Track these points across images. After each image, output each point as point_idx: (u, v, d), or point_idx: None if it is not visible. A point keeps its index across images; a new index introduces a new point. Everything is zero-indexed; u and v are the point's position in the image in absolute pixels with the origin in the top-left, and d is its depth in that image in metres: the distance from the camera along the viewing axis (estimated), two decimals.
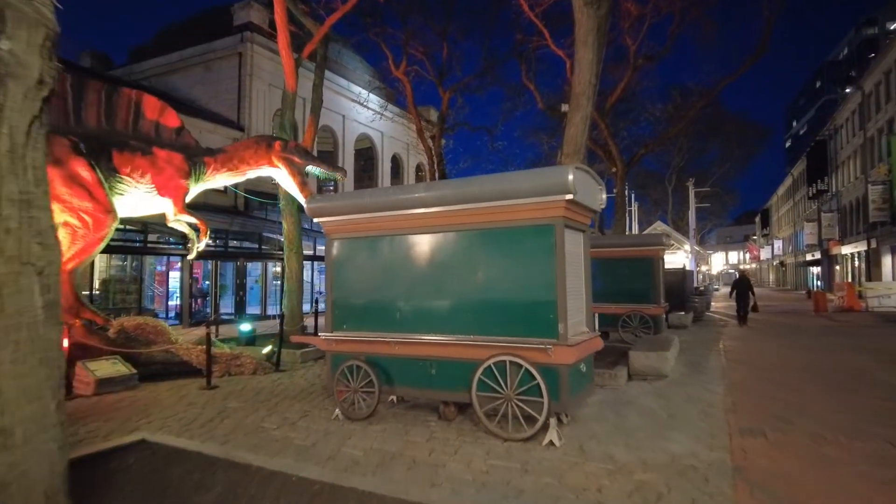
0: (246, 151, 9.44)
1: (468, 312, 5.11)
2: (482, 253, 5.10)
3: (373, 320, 5.66)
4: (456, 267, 5.23)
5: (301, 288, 12.49)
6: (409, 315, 5.46)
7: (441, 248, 5.36)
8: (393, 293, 5.58)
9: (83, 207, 7.69)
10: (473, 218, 5.09)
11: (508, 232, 4.95)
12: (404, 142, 31.93)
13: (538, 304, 4.80)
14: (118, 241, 17.21)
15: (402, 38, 19.93)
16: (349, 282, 5.88)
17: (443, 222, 5.27)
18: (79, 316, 7.92)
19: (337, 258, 5.96)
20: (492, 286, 5.02)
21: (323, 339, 5.87)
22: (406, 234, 5.53)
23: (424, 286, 5.39)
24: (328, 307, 5.97)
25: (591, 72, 9.30)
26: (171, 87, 24.14)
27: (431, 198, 5.25)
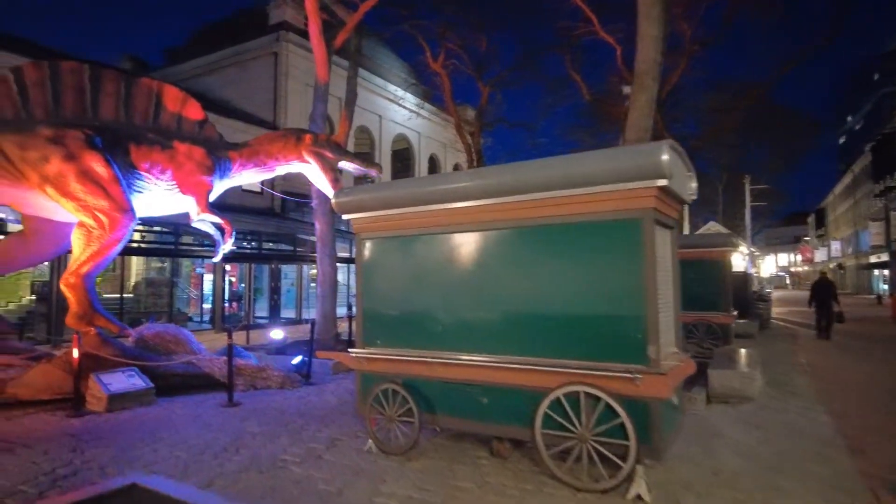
0: (273, 145, 8.68)
1: (530, 329, 4.12)
2: (547, 255, 4.11)
3: (411, 335, 4.73)
4: (513, 272, 4.25)
5: (335, 292, 11.73)
6: (454, 330, 4.50)
7: (493, 249, 4.39)
8: (434, 303, 4.63)
9: (98, 206, 7.05)
10: (534, 211, 4.10)
11: (580, 228, 3.94)
12: (441, 141, 31.07)
13: (621, 319, 3.78)
14: (150, 243, 16.88)
15: (438, 31, 19.08)
16: (383, 289, 4.97)
17: (495, 217, 4.31)
18: (92, 324, 7.27)
19: (368, 261, 5.06)
20: (560, 297, 4.02)
21: (352, 357, 4.98)
22: (449, 231, 4.58)
23: (473, 295, 4.43)
24: (358, 319, 5.07)
25: (655, 48, 8.20)
26: (207, 88, 23.90)
27: (479, 188, 4.29)
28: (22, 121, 7.06)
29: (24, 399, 6.82)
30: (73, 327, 7.22)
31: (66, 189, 6.91)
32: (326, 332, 10.96)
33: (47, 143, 6.87)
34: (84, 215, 7.04)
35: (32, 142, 6.85)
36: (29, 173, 6.88)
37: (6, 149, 6.83)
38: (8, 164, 6.87)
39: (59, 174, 6.86)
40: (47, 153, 6.84)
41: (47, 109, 7.25)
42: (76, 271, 7.08)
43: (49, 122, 7.09)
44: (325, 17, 11.95)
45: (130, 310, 15.70)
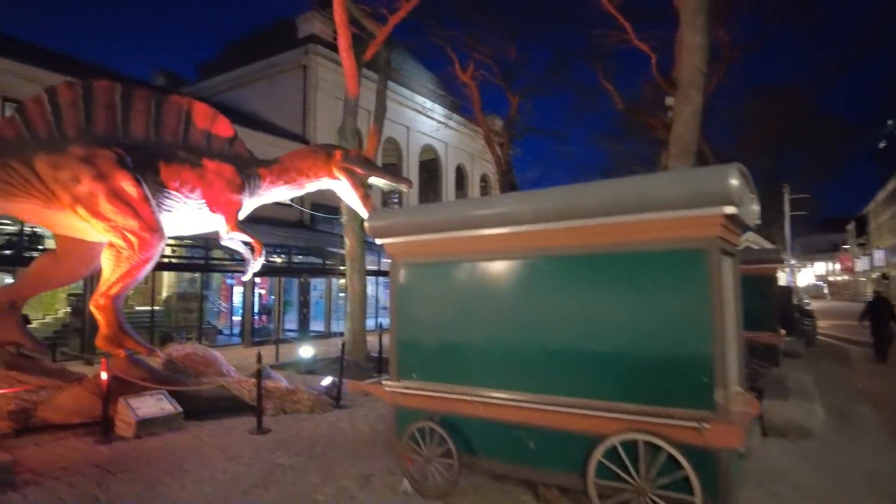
0: (303, 162, 8.52)
1: (582, 368, 3.78)
2: (601, 286, 3.78)
3: (449, 369, 4.44)
4: (563, 304, 3.92)
5: (364, 310, 11.52)
6: (498, 365, 4.19)
7: (541, 279, 4.07)
8: (476, 335, 4.33)
9: (128, 226, 6.96)
10: (585, 238, 3.78)
11: (639, 258, 3.61)
12: (469, 152, 30.86)
13: (684, 360, 3.42)
14: (181, 257, 16.98)
15: (467, 41, 18.90)
16: (419, 318, 4.69)
17: (541, 244, 4.00)
18: (121, 346, 7.17)
19: (403, 287, 4.79)
20: (616, 333, 3.68)
21: (387, 391, 4.70)
22: (491, 258, 4.29)
23: (519, 328, 4.12)
24: (392, 349, 4.80)
25: (700, 58, 7.81)
26: (238, 102, 24.18)
27: (524, 212, 3.99)
28: (55, 140, 7.03)
29: (55, 423, 6.72)
30: (103, 349, 7.14)
31: (96, 209, 6.84)
32: (357, 352, 10.73)
33: (78, 162, 6.82)
34: (114, 235, 6.96)
35: (64, 162, 6.81)
36: (61, 193, 6.83)
37: (39, 169, 6.80)
38: (41, 184, 6.84)
39: (89, 194, 6.80)
40: (78, 173, 6.79)
41: (80, 129, 7.22)
42: (106, 292, 7.00)
43: (81, 141, 7.05)
44: (354, 30, 11.85)
45: (161, 323, 15.75)
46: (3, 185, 6.74)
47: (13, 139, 6.97)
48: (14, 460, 5.29)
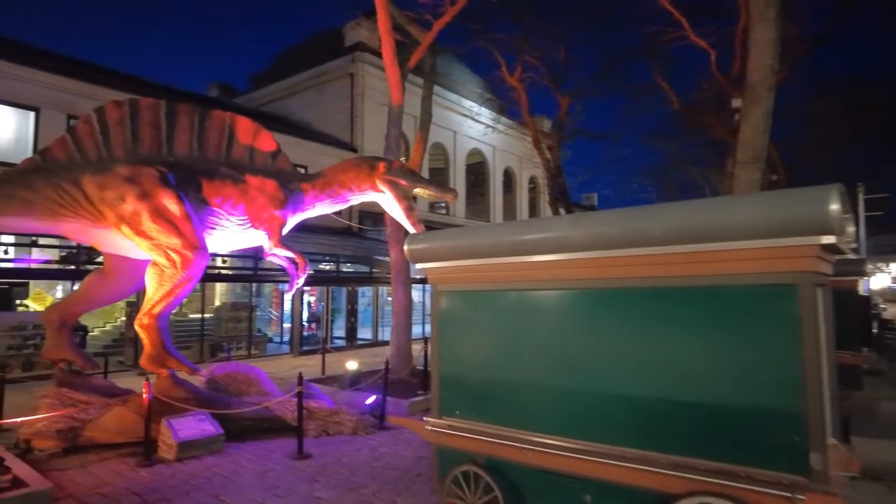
0: (346, 175, 8.31)
1: (647, 415, 3.31)
2: (669, 323, 3.30)
3: (497, 408, 4.04)
4: (623, 342, 3.46)
5: (409, 322, 11.24)
6: (551, 408, 3.77)
7: (598, 313, 3.62)
8: (527, 374, 3.92)
9: (171, 244, 6.90)
10: (651, 269, 3.31)
11: (714, 293, 3.11)
12: (517, 154, 30.29)
13: (771, 413, 2.91)
14: (231, 268, 17.24)
15: (514, 44, 18.42)
16: (463, 350, 4.32)
17: (600, 274, 3.55)
18: (164, 365, 7.12)
19: (446, 317, 4.43)
20: (687, 377, 3.20)
21: (427, 430, 4.35)
22: (543, 288, 3.87)
23: (574, 367, 3.68)
24: (434, 383, 4.44)
25: (771, 54, 7.13)
26: (287, 111, 24.53)
27: (580, 238, 3.56)
28: (103, 160, 7.07)
29: (100, 442, 6.73)
30: (147, 369, 7.11)
31: (139, 228, 6.81)
32: (402, 367, 10.45)
33: (123, 182, 6.82)
34: (157, 254, 6.92)
35: (110, 181, 6.82)
36: (107, 212, 6.85)
37: (87, 189, 6.84)
38: (89, 204, 6.87)
39: (133, 213, 6.78)
40: (123, 192, 6.78)
41: (126, 148, 7.24)
42: (149, 311, 6.96)
43: (126, 160, 7.06)
44: (398, 37, 11.62)
45: (211, 332, 15.99)
46: (53, 205, 6.81)
47: (64, 160, 7.05)
48: (54, 487, 5.25)
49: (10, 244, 12.88)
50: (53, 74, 14.35)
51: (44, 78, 14.11)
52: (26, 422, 6.63)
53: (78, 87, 14.51)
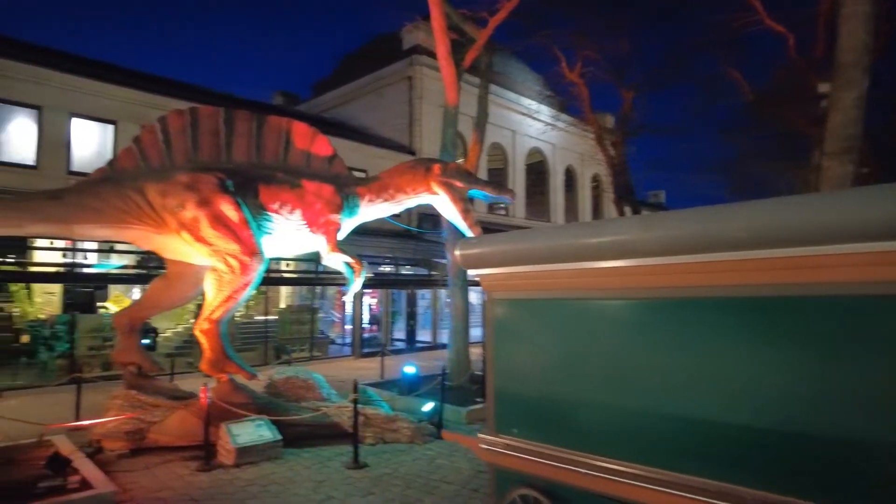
0: (401, 178, 8.18)
1: (737, 445, 2.90)
2: (760, 339, 2.87)
3: (557, 428, 3.71)
4: (706, 359, 3.06)
5: (467, 328, 11.00)
6: (617, 430, 3.40)
7: (683, 327, 3.22)
8: (590, 390, 3.57)
9: (229, 250, 6.97)
10: (739, 276, 2.89)
11: (816, 305, 2.67)
12: (578, 152, 29.42)
13: (891, 448, 2.45)
14: (293, 271, 17.58)
15: (574, 38, 17.83)
16: (520, 364, 4.01)
17: (676, 282, 3.16)
18: (224, 371, 7.21)
19: (502, 328, 4.13)
20: (780, 401, 2.76)
21: (482, 448, 4.07)
22: (611, 297, 3.50)
23: (647, 386, 3.30)
24: (489, 399, 4.15)
25: (865, 29, 6.40)
26: (347, 117, 24.88)
27: (653, 241, 3.17)
28: (165, 168, 7.24)
29: (164, 445, 6.88)
30: (207, 373, 7.21)
31: (198, 234, 6.92)
32: (460, 373, 10.23)
33: (183, 189, 6.94)
34: (216, 259, 7.00)
35: (171, 188, 6.96)
36: (168, 219, 7.00)
37: (150, 197, 7.01)
38: (152, 211, 7.05)
39: (193, 219, 6.89)
40: (183, 199, 6.90)
41: (187, 155, 7.39)
42: (209, 317, 7.05)
43: (187, 167, 7.19)
44: (453, 36, 11.42)
45: (275, 334, 16.33)
46: (119, 213, 7.02)
47: (130, 169, 7.27)
48: (117, 490, 5.35)
49: (91, 250, 13.64)
50: (129, 89, 15.10)
51: (120, 93, 14.87)
52: (98, 423, 6.88)
53: (151, 100, 15.17)
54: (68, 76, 14.00)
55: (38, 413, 8.78)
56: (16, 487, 5.28)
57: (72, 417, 8.07)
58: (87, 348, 12.51)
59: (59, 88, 13.78)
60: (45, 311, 15.28)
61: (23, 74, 13.26)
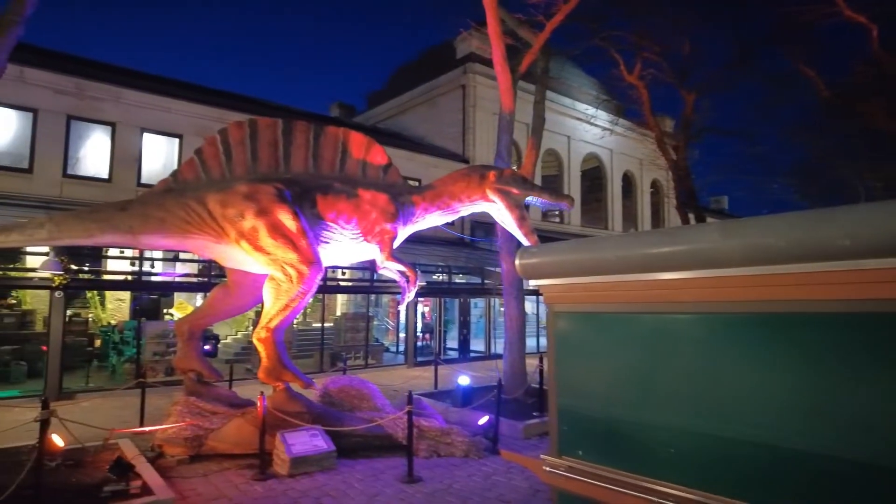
0: (456, 185, 8.06)
1: (837, 480, 2.56)
2: (864, 361, 2.53)
3: (627, 452, 3.42)
4: (799, 382, 2.73)
5: (523, 338, 10.71)
6: (696, 458, 3.08)
7: (759, 343, 2.90)
8: (663, 413, 3.27)
9: (287, 259, 7.01)
10: (838, 290, 2.56)
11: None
12: (637, 157, 28.56)
13: None
14: (348, 280, 17.75)
15: (633, 40, 17.29)
16: (586, 382, 3.74)
17: (761, 296, 2.84)
18: (280, 379, 7.23)
19: (565, 343, 3.88)
20: (888, 431, 2.41)
21: (545, 470, 3.82)
22: (686, 312, 3.21)
23: (725, 410, 2.98)
24: (552, 418, 3.90)
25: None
26: (401, 127, 25.11)
27: (735, 250, 2.87)
28: (225, 179, 7.38)
29: (221, 452, 6.95)
30: (264, 381, 7.26)
31: (257, 243, 6.98)
32: (515, 386, 9.94)
33: (243, 199, 7.04)
34: (274, 268, 7.05)
35: (231, 199, 7.07)
36: (228, 229, 7.11)
37: (211, 207, 7.14)
38: (212, 221, 7.17)
39: (252, 229, 6.97)
40: (242, 209, 7.00)
41: (246, 166, 7.51)
42: (266, 325, 7.10)
43: (246, 178, 7.30)
44: (509, 41, 11.24)
45: (331, 342, 16.50)
46: (182, 223, 7.19)
47: (192, 180, 7.45)
48: (176, 497, 5.40)
49: (157, 259, 14.21)
50: (194, 104, 15.73)
51: (186, 107, 15.51)
52: (160, 429, 7.03)
53: (214, 114, 15.75)
54: (141, 94, 14.73)
55: (107, 415, 9.14)
56: (83, 490, 5.43)
57: (136, 420, 8.34)
58: (152, 354, 12.99)
59: (133, 105, 14.51)
60: (116, 317, 16.06)
61: (101, 94, 14.03)
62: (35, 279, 11.65)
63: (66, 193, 13.27)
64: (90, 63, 16.04)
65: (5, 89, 11.92)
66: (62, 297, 11.58)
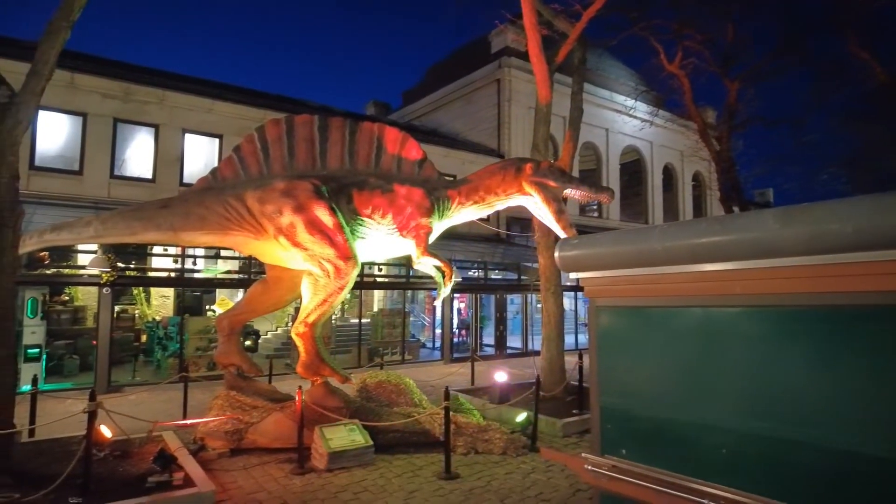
0: (492, 179, 7.94)
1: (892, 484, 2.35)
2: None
3: (674, 452, 3.25)
4: (860, 379, 2.53)
5: (561, 334, 10.51)
6: (748, 459, 2.91)
7: (820, 339, 2.71)
8: (713, 412, 3.09)
9: (324, 255, 7.03)
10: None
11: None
12: (677, 149, 27.78)
13: None
14: (385, 275, 17.82)
15: (674, 28, 16.76)
16: (630, 379, 3.59)
17: (823, 287, 2.64)
18: (318, 374, 7.27)
19: (607, 338, 3.73)
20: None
21: (587, 469, 3.68)
22: (739, 305, 3.03)
23: (781, 409, 2.79)
24: (594, 416, 3.76)
25: None
26: (437, 124, 25.07)
27: (794, 239, 2.68)
28: (263, 176, 7.45)
29: (261, 446, 7.03)
30: (302, 376, 7.31)
31: (295, 239, 7.02)
32: (554, 383, 9.77)
33: (280, 195, 7.08)
34: (312, 264, 7.08)
35: (269, 195, 7.13)
36: (267, 226, 7.17)
37: (250, 204, 7.21)
38: (251, 217, 7.24)
39: (290, 225, 7.01)
40: (281, 206, 7.04)
41: (283, 163, 7.56)
42: (304, 320, 7.14)
43: (284, 175, 7.36)
44: (545, 32, 11.03)
45: (367, 337, 16.60)
46: (222, 219, 7.29)
47: (231, 177, 7.55)
48: (217, 489, 5.47)
49: (199, 256, 14.55)
50: (233, 104, 16.05)
51: (226, 108, 15.83)
52: (201, 422, 7.17)
53: (252, 114, 16.03)
54: (183, 95, 15.11)
55: (151, 408, 9.40)
56: (129, 480, 5.56)
57: (180, 414, 8.54)
58: (194, 349, 13.32)
59: (175, 107, 14.89)
60: (160, 313, 16.55)
61: (146, 97, 14.46)
62: (85, 276, 12.10)
63: (113, 194, 13.72)
64: (135, 67, 16.54)
65: (58, 95, 12.41)
66: (110, 294, 11.98)
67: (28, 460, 6.06)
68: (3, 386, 5.61)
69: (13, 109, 5.69)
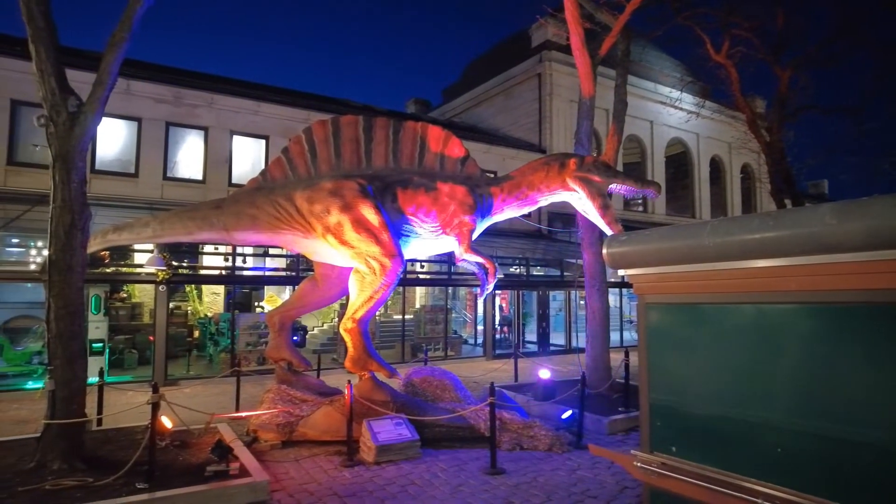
0: (535, 175, 7.92)
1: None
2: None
3: (727, 450, 3.22)
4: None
5: (607, 330, 10.40)
6: (809, 459, 2.86)
7: (882, 338, 2.64)
8: (766, 410, 3.05)
9: (370, 253, 7.18)
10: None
11: None
12: (725, 141, 26.94)
13: None
14: (427, 272, 17.96)
15: (721, 16, 16.24)
16: (681, 376, 3.56)
17: (885, 284, 2.57)
18: (366, 368, 7.44)
19: (657, 335, 3.71)
20: None
21: (636, 466, 3.67)
22: (794, 302, 2.97)
23: (846, 410, 2.73)
24: (643, 412, 3.74)
25: None
26: (477, 120, 25.06)
27: (852, 234, 2.61)
28: (311, 176, 7.66)
29: (311, 439, 7.25)
30: (350, 371, 7.49)
31: (342, 237, 7.20)
32: (599, 380, 9.68)
33: (328, 195, 7.26)
34: (358, 262, 7.25)
35: (317, 195, 7.32)
36: (315, 224, 7.37)
37: (298, 203, 7.43)
38: (300, 217, 7.46)
39: (337, 224, 7.18)
40: (328, 205, 7.23)
41: (330, 163, 7.75)
42: (352, 316, 7.32)
43: (331, 175, 7.54)
44: (587, 25, 10.89)
45: (411, 333, 16.79)
46: (272, 219, 7.54)
47: (280, 178, 7.79)
48: (271, 480, 5.69)
49: (248, 254, 15.01)
50: (279, 106, 16.47)
51: (272, 110, 16.25)
52: (254, 414, 7.45)
53: (297, 115, 16.41)
54: (231, 98, 15.60)
55: (206, 402, 9.79)
56: (189, 469, 5.84)
57: (232, 406, 8.88)
58: (245, 344, 13.78)
59: (224, 110, 15.39)
60: (212, 309, 17.17)
61: (196, 100, 15.00)
62: (142, 274, 12.68)
63: (166, 195, 14.30)
64: (184, 72, 17.16)
65: (115, 102, 12.99)
66: (165, 291, 12.53)
67: (97, 447, 6.43)
68: (75, 378, 5.97)
69: (81, 118, 6.03)
